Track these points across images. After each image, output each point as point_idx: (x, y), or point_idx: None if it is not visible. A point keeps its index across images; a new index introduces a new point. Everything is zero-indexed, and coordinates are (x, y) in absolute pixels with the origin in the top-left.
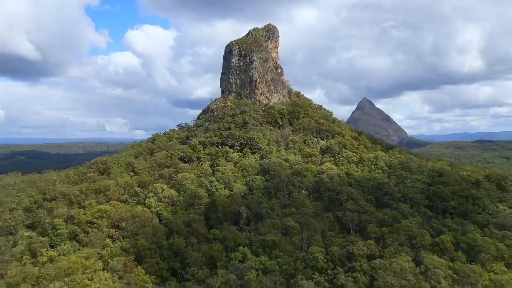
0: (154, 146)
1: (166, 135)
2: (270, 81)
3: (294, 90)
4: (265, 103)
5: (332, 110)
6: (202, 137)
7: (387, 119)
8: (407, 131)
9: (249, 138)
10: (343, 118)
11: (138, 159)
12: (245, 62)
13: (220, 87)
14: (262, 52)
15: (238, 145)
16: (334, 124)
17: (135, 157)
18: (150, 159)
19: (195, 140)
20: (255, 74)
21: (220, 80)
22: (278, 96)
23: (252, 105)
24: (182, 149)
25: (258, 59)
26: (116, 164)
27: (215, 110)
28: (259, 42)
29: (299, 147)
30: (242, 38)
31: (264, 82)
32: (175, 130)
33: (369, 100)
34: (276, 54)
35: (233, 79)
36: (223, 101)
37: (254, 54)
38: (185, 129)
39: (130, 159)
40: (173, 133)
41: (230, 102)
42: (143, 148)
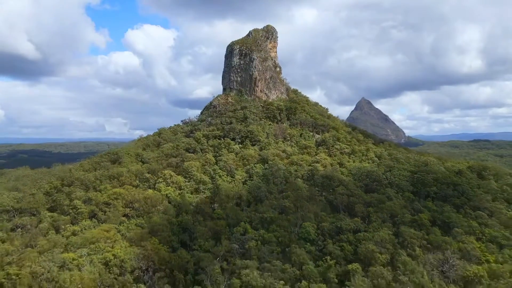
0: (160, 139)
1: (171, 129)
2: (269, 79)
3: (292, 88)
4: (264, 99)
5: (332, 110)
6: (205, 130)
7: (385, 119)
8: (406, 131)
9: (249, 131)
10: (343, 118)
11: (146, 150)
12: (245, 61)
13: (222, 84)
14: (261, 51)
15: (239, 138)
16: (329, 119)
17: (143, 149)
18: (157, 150)
19: (199, 133)
20: (255, 72)
21: (222, 78)
22: (276, 93)
23: (252, 101)
24: (187, 141)
25: (257, 58)
26: (126, 154)
27: (218, 106)
28: (258, 42)
29: (295, 140)
30: (242, 39)
31: (264, 80)
32: (179, 125)
33: (367, 100)
34: (275, 54)
35: (234, 77)
36: (225, 97)
37: (254, 53)
38: (189, 124)
39: (139, 150)
40: (177, 127)
41: (231, 99)
42: (150, 141)
